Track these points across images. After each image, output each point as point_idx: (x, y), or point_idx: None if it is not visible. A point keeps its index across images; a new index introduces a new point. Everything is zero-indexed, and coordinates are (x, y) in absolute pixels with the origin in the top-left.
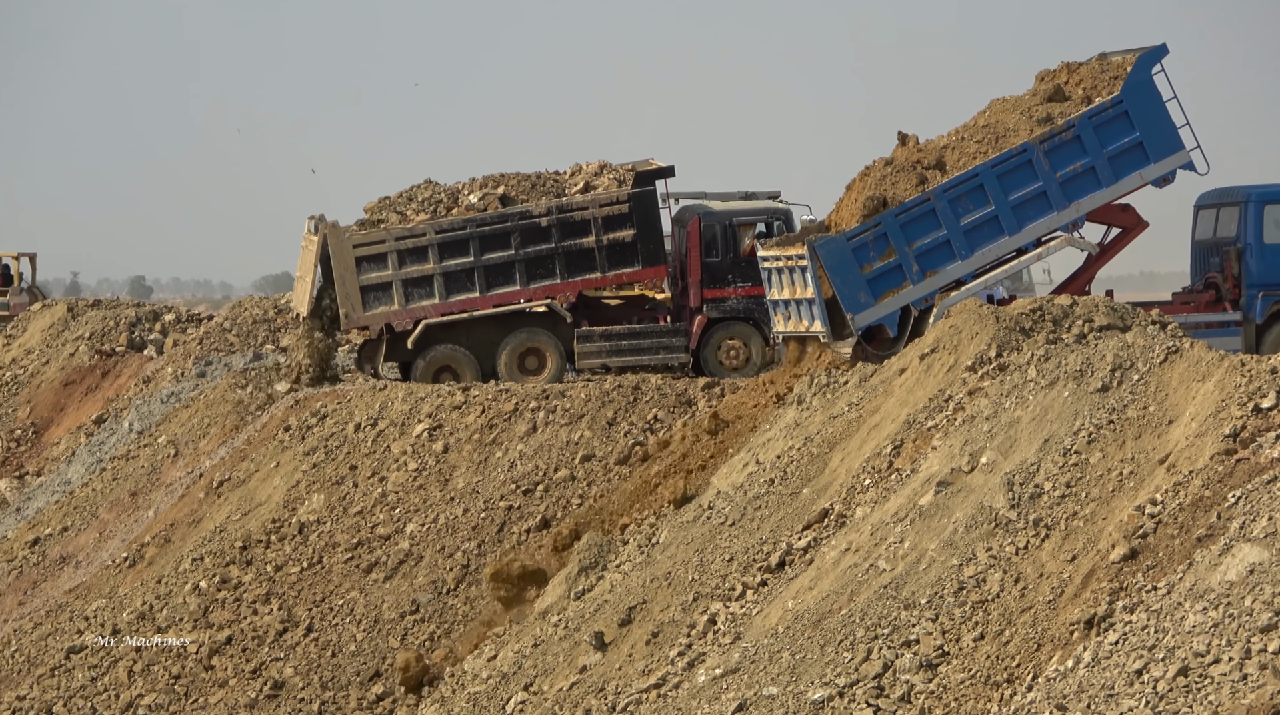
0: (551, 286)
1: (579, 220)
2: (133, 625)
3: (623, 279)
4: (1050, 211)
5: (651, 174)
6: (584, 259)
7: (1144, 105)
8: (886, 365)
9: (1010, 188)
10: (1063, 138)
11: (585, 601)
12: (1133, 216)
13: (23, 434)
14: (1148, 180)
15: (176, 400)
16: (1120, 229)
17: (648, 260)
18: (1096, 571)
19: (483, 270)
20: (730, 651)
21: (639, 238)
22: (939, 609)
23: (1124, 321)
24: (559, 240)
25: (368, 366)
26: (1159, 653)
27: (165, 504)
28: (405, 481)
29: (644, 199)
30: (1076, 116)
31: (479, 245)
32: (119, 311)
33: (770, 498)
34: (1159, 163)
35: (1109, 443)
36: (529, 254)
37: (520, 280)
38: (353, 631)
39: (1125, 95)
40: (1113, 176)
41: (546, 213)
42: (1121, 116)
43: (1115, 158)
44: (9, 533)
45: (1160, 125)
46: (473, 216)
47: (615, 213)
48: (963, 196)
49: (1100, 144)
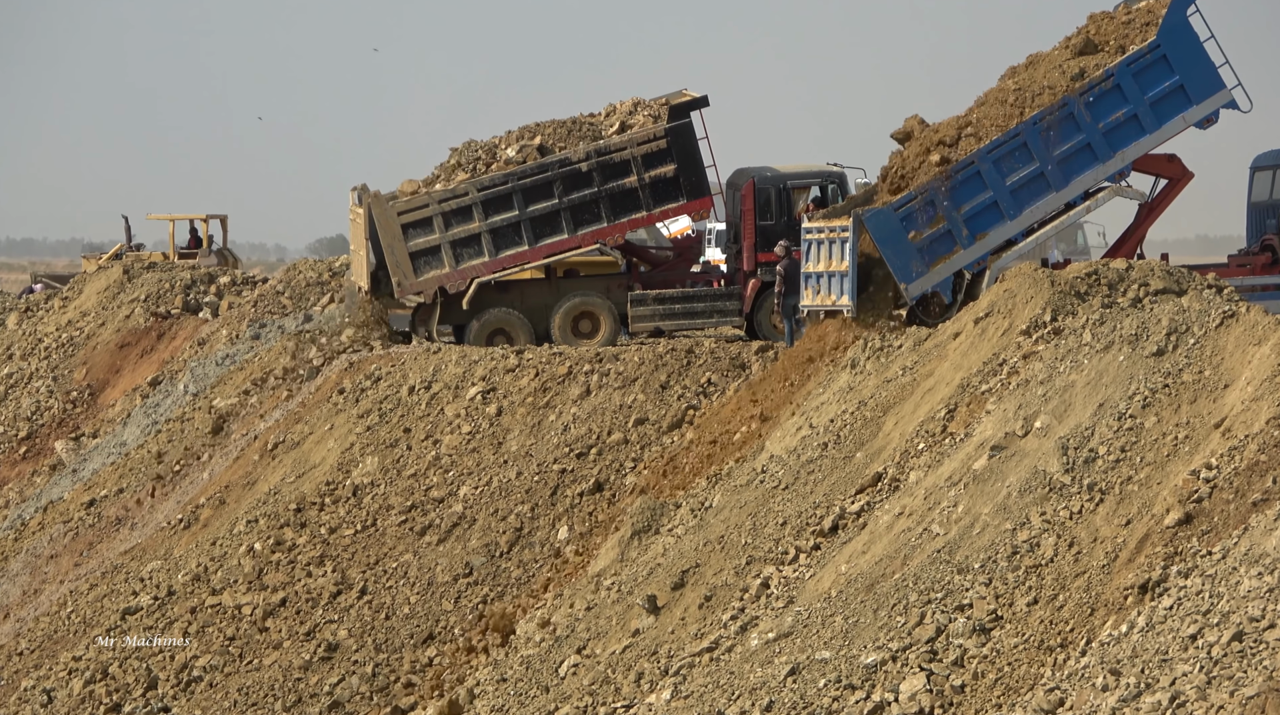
0: (599, 230)
1: (619, 161)
2: (188, 587)
3: (669, 214)
4: (1096, 163)
5: (686, 106)
6: (628, 200)
7: (1182, 47)
8: (941, 329)
9: (1054, 143)
10: (1103, 87)
11: (638, 565)
12: (1178, 166)
13: (79, 396)
14: (1191, 122)
15: (231, 362)
16: (1167, 180)
17: (691, 193)
18: (1151, 536)
19: (529, 222)
20: (783, 615)
21: (680, 171)
22: (992, 573)
23: (1179, 285)
24: (601, 184)
25: (422, 330)
26: (1213, 617)
27: (220, 466)
28: (459, 444)
29: (681, 132)
30: (1115, 64)
31: (522, 198)
32: (174, 274)
33: (823, 461)
34: (1201, 104)
35: (1164, 407)
36: (573, 201)
37: (568, 228)
38: (406, 594)
39: (1162, 38)
40: (1156, 122)
41: (585, 158)
42: (1160, 60)
43: (1157, 103)
44: (65, 494)
45: (1200, 66)
46: (513, 170)
47: (654, 149)
48: (1006, 156)
49: (1141, 90)
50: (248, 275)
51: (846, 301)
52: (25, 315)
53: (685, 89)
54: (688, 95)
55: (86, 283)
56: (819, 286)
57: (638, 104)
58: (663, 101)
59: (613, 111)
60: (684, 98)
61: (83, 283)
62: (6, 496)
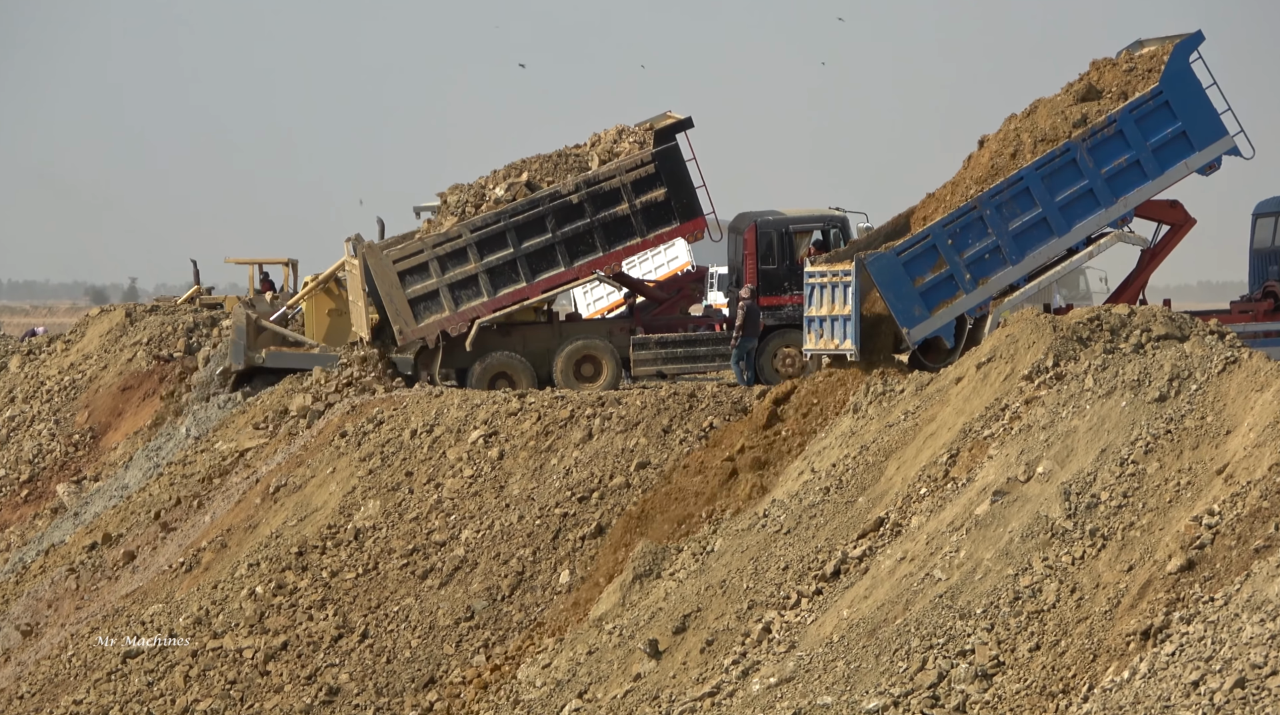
0: (595, 261)
1: (609, 190)
2: (189, 630)
3: (664, 238)
4: (1098, 208)
5: (671, 129)
6: (621, 227)
7: (1184, 94)
8: (943, 374)
9: (1056, 188)
10: (1105, 133)
11: (639, 609)
12: (1180, 212)
13: (81, 439)
14: (1193, 169)
15: (233, 405)
16: (1169, 226)
17: (684, 215)
18: (1153, 582)
19: (525, 259)
20: (785, 660)
21: (671, 194)
22: (994, 619)
23: (1182, 331)
24: (593, 214)
25: (424, 373)
26: (1216, 664)
27: (222, 509)
28: (461, 488)
29: (668, 155)
30: (1117, 111)
31: (516, 235)
32: (176, 317)
33: (825, 506)
34: (1203, 150)
35: (1166, 453)
36: (567, 233)
37: (564, 261)
38: (408, 638)
39: (1165, 85)
40: (1158, 168)
41: (575, 189)
42: (1163, 107)
43: (1159, 149)
44: (67, 537)
45: (1202, 112)
46: (504, 208)
47: (643, 174)
48: (1009, 201)
49: (1143, 136)
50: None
51: (850, 345)
52: (27, 358)
53: (669, 110)
54: (672, 118)
55: (89, 326)
56: (821, 330)
57: (622, 131)
58: (647, 126)
59: (597, 141)
60: (668, 120)
61: (85, 326)
62: (8, 539)
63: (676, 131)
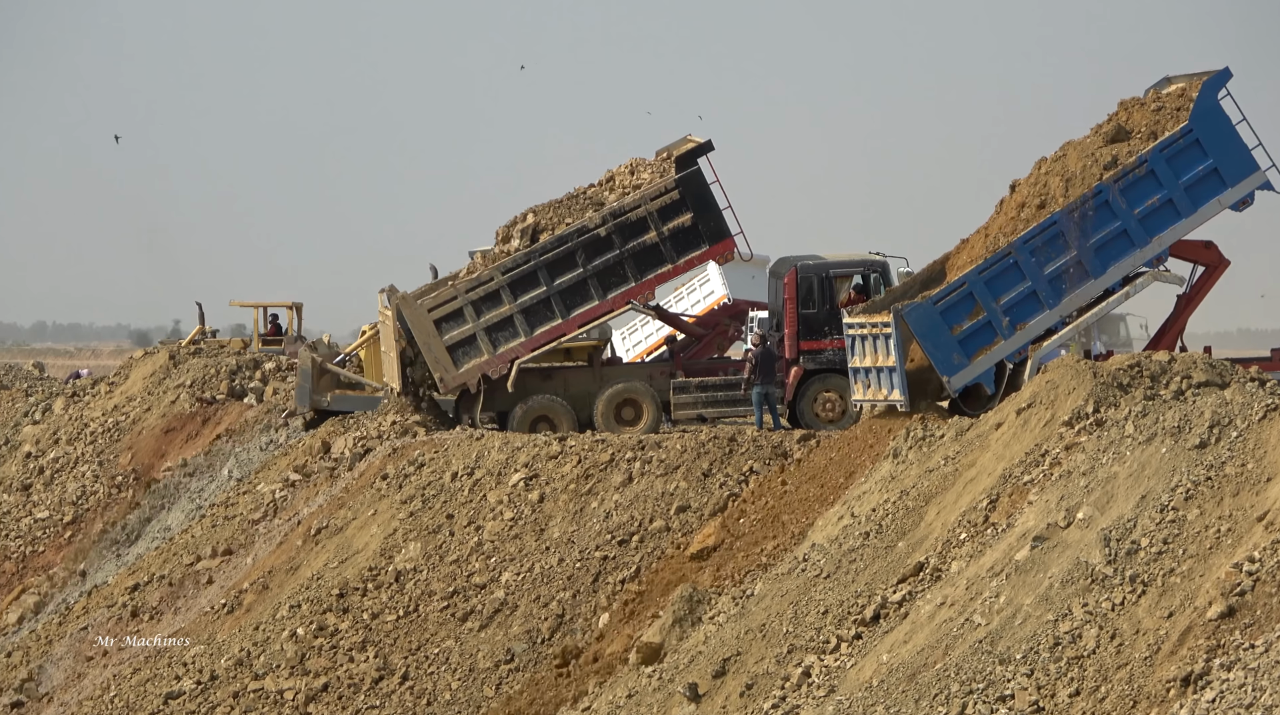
0: (629, 291)
1: (635, 220)
2: (230, 672)
3: (694, 263)
4: (1132, 249)
5: (692, 153)
6: (651, 256)
7: (1214, 131)
8: (983, 419)
9: (1090, 230)
10: (1136, 173)
11: (680, 653)
12: (1215, 253)
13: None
14: (1226, 205)
15: (275, 448)
16: (1204, 267)
17: (712, 238)
18: (1194, 629)
19: (559, 295)
20: (824, 705)
21: (697, 218)
22: (1034, 664)
23: (1222, 378)
24: (622, 245)
25: (465, 417)
26: (1256, 711)
27: (264, 551)
28: (501, 531)
29: (691, 180)
30: (1148, 150)
31: (547, 273)
32: (220, 359)
33: (865, 551)
34: (1236, 186)
35: (1207, 500)
36: (597, 267)
37: (597, 294)
38: (448, 680)
39: (1194, 123)
40: (1191, 206)
41: (602, 222)
42: (1193, 145)
43: (1191, 187)
44: (110, 578)
45: (1233, 149)
46: (533, 247)
47: (668, 202)
48: (1042, 245)
49: (1175, 175)
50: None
51: (899, 396)
52: (72, 400)
53: (689, 135)
54: (692, 142)
55: (133, 368)
56: (868, 381)
57: (637, 165)
58: (665, 154)
59: (611, 178)
60: (688, 145)
61: (129, 368)
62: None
63: (697, 156)
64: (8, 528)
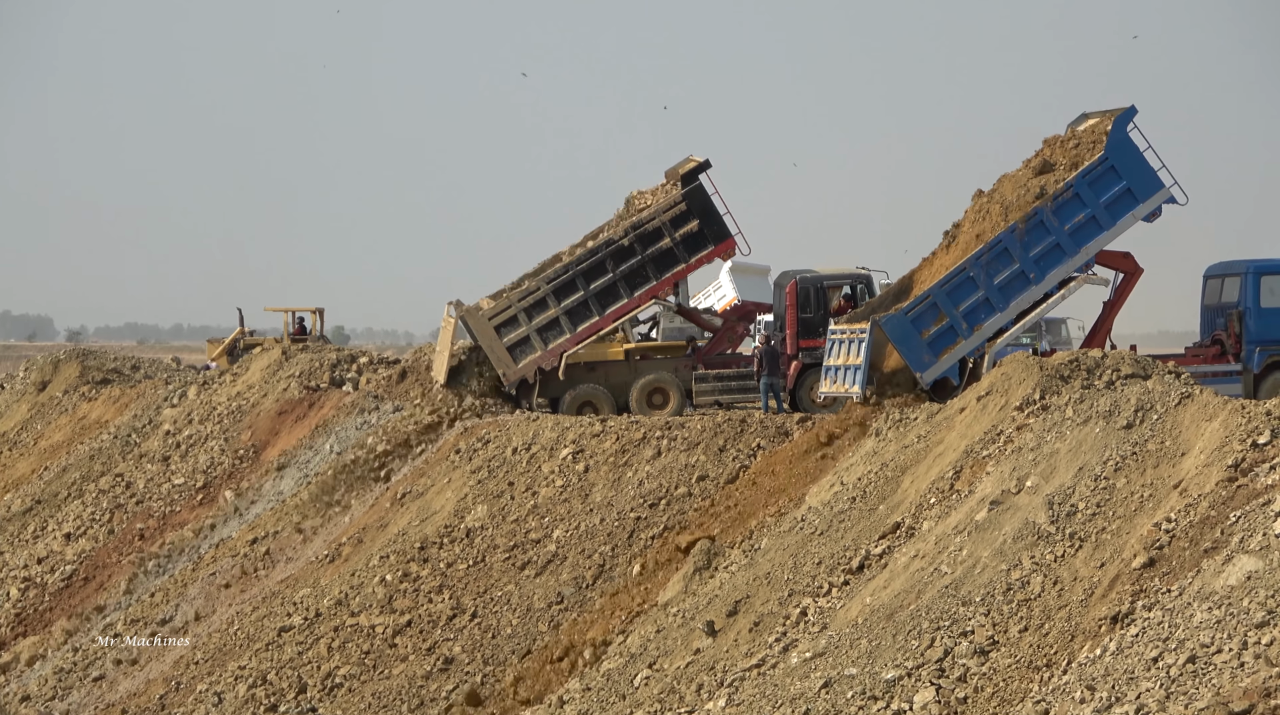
0: (651, 288)
1: (652, 230)
2: (331, 610)
3: (703, 261)
4: (1065, 258)
5: (694, 171)
6: (667, 258)
7: (1126, 158)
8: (950, 405)
9: (1029, 245)
10: (1065, 197)
11: (699, 596)
12: (1131, 262)
13: (244, 453)
14: (1139, 217)
15: (368, 427)
16: (1124, 274)
17: (716, 238)
18: (1121, 576)
19: (595, 297)
20: (818, 638)
21: (703, 224)
22: (990, 606)
23: (1145, 371)
24: (643, 251)
25: (524, 402)
26: (1171, 644)
27: (359, 512)
28: (553, 496)
29: (695, 193)
30: (1073, 178)
31: (584, 279)
32: (323, 354)
33: (852, 513)
34: (1146, 201)
35: (1132, 471)
36: (624, 271)
37: (625, 293)
38: (509, 618)
39: (1109, 153)
40: (1110, 220)
41: (625, 233)
42: (1109, 170)
43: (1110, 204)
44: (233, 534)
45: (1142, 171)
46: (569, 260)
47: (678, 213)
48: (992, 261)
49: (1096, 195)
50: (382, 356)
51: (856, 389)
52: (203, 387)
53: (691, 155)
54: (693, 161)
55: (252, 361)
56: (835, 377)
57: (639, 195)
58: (666, 182)
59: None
60: (690, 164)
61: (249, 362)
62: (186, 535)
63: (698, 173)
64: (151, 492)
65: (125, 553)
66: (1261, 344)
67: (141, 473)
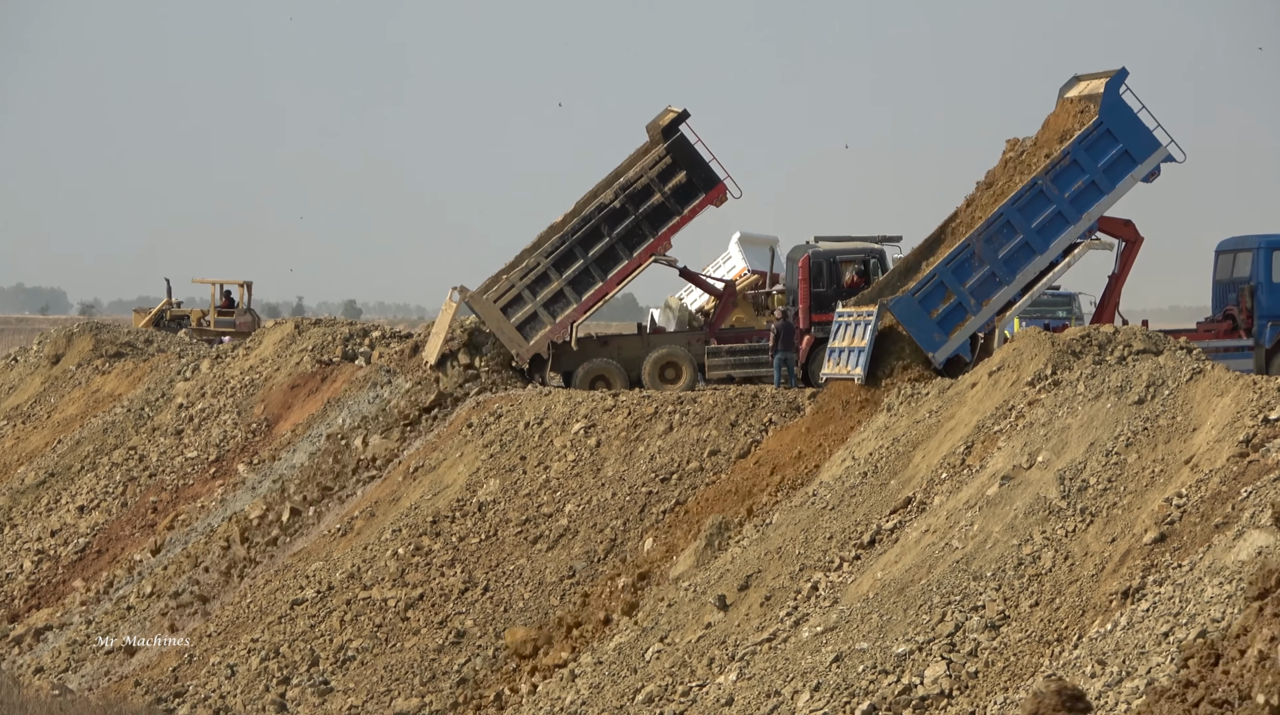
0: (650, 246)
1: (641, 188)
2: (343, 583)
3: (696, 211)
4: (1068, 225)
5: (674, 122)
6: (661, 213)
7: (1120, 120)
8: (961, 380)
9: (1031, 216)
10: (1062, 165)
11: (710, 570)
12: (1132, 230)
13: (258, 427)
14: (1138, 179)
15: (379, 401)
16: (1126, 242)
17: (706, 186)
18: (1132, 551)
19: (595, 263)
20: (829, 613)
21: (691, 173)
22: (1001, 581)
23: (1157, 346)
24: (635, 210)
25: (537, 377)
26: (1182, 618)
27: (371, 485)
28: (565, 470)
29: (678, 144)
30: (1069, 144)
31: (581, 247)
32: (335, 329)
33: (863, 488)
34: (1144, 162)
35: (1143, 446)
36: (620, 232)
37: (625, 254)
38: (520, 591)
39: (1104, 116)
40: (1110, 183)
41: (614, 195)
42: (1105, 134)
43: (1108, 168)
44: (245, 506)
45: (1138, 132)
46: (564, 230)
47: (664, 167)
48: (994, 234)
49: (1094, 160)
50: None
51: (859, 371)
52: (215, 361)
53: (669, 106)
54: (672, 112)
55: (265, 335)
56: (838, 359)
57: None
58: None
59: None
60: (670, 115)
61: (262, 336)
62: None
63: (679, 123)
64: (164, 465)
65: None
66: (1273, 319)
67: (154, 446)
